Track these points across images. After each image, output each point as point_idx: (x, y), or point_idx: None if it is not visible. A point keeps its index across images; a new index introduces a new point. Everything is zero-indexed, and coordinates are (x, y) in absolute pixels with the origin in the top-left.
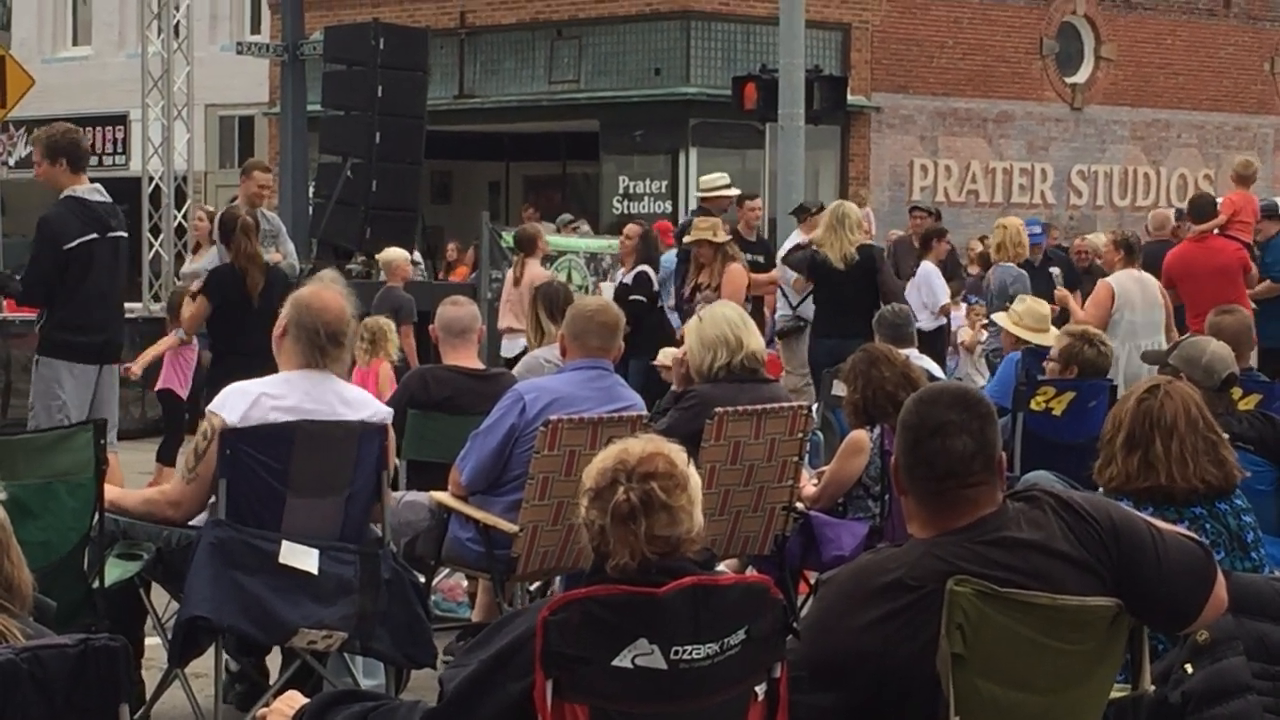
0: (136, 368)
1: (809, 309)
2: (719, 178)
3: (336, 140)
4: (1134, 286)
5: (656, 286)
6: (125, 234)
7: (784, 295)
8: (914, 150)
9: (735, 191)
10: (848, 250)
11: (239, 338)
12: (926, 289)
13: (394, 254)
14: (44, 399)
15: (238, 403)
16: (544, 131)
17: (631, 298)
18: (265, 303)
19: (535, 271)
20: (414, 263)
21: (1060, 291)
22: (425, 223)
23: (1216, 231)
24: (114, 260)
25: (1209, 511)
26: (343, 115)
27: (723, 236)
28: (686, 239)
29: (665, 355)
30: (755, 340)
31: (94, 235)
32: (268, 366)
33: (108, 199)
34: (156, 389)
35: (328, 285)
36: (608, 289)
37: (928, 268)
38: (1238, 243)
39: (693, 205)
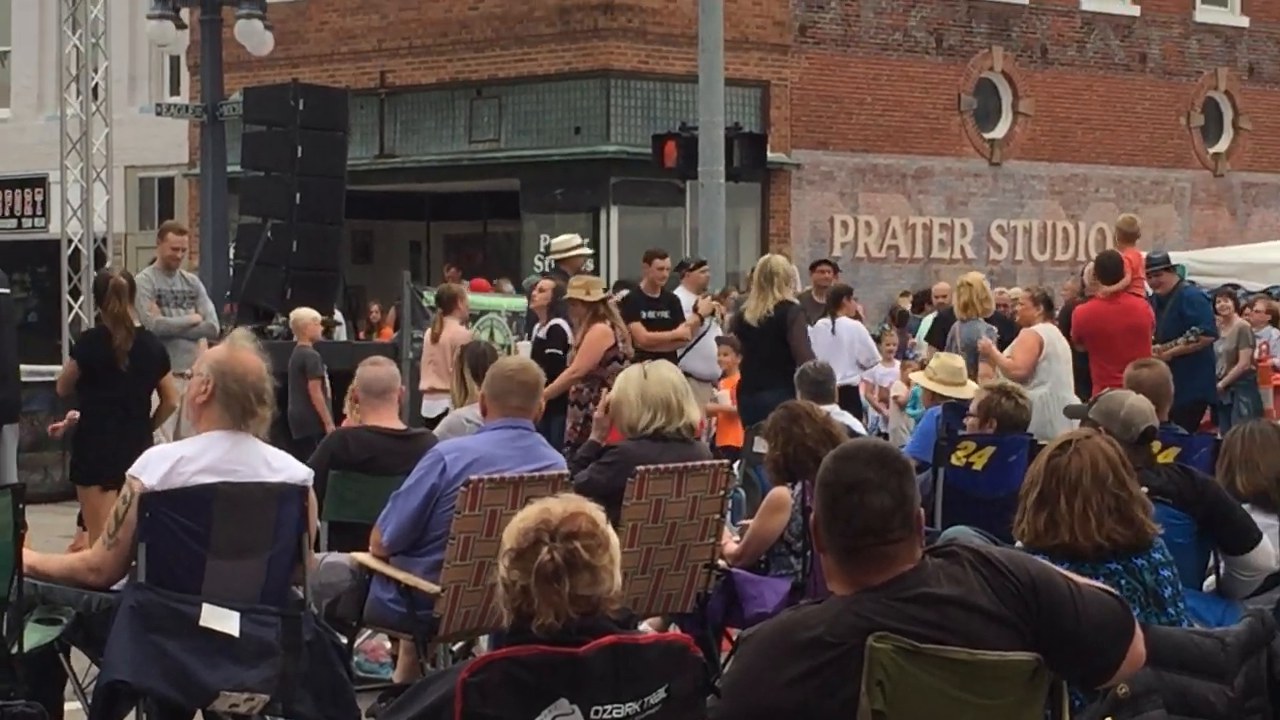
0: (61, 428)
1: (690, 363)
2: (571, 238)
3: (256, 201)
4: (1057, 340)
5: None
6: (6, 290)
7: None
8: (834, 206)
9: (588, 251)
10: (766, 308)
11: (103, 398)
12: (862, 346)
13: (303, 314)
14: None
15: (158, 466)
16: (465, 191)
17: (548, 351)
18: (131, 363)
19: (454, 330)
20: (335, 323)
21: (984, 341)
22: (346, 283)
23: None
24: None
25: (1125, 567)
26: (263, 176)
27: (596, 295)
28: (566, 297)
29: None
30: (694, 411)
31: None
32: (131, 426)
33: None
34: None
35: (242, 346)
36: (525, 348)
37: (857, 326)
38: (1145, 301)
39: (615, 263)
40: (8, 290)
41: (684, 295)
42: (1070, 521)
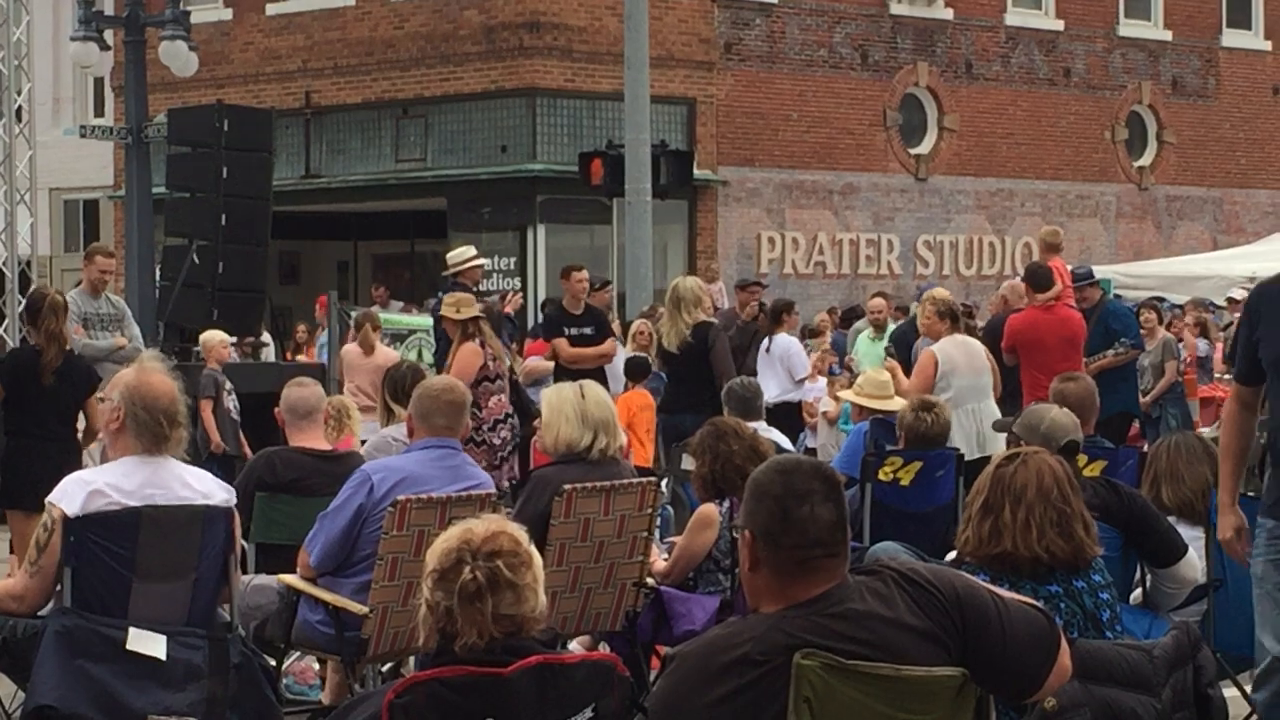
0: None
1: None
2: (465, 250)
3: (182, 223)
4: (958, 353)
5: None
6: None
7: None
8: (761, 223)
9: (483, 262)
10: (681, 332)
11: (28, 418)
12: (785, 362)
13: (210, 336)
14: None
15: (77, 492)
16: (391, 210)
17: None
18: (58, 382)
19: (385, 351)
20: (263, 344)
21: (889, 362)
22: (273, 304)
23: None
24: None
25: (1065, 590)
26: (188, 197)
27: (466, 312)
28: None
29: None
30: (622, 435)
31: None
32: (54, 446)
33: None
34: None
35: (152, 369)
36: None
37: (789, 341)
38: (1079, 313)
39: (542, 281)
40: None
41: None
42: (1013, 530)
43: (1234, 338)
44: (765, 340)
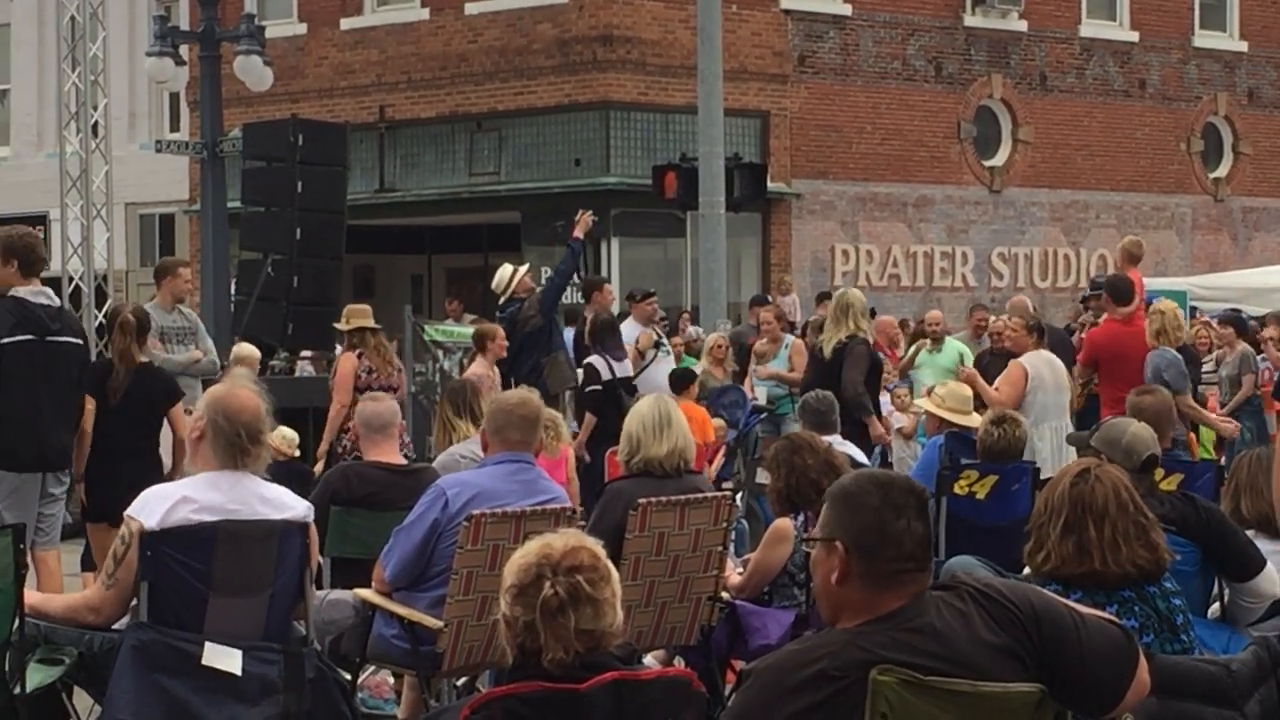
0: None
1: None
2: (502, 274)
3: (257, 237)
4: (1045, 368)
5: (609, 374)
6: (76, 339)
7: None
8: (835, 235)
9: (524, 267)
10: (842, 339)
11: (101, 432)
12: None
13: (242, 349)
14: None
15: (157, 506)
16: (465, 224)
17: (588, 389)
18: (131, 398)
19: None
20: (335, 358)
21: (967, 371)
22: None
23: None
24: (48, 364)
25: (1137, 594)
26: (263, 211)
27: (354, 324)
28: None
29: None
30: (662, 447)
31: (27, 336)
32: (134, 463)
33: (54, 303)
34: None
35: (242, 384)
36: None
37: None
38: None
39: (617, 295)
40: (76, 340)
41: (631, 327)
42: (1101, 548)
43: None
44: None
